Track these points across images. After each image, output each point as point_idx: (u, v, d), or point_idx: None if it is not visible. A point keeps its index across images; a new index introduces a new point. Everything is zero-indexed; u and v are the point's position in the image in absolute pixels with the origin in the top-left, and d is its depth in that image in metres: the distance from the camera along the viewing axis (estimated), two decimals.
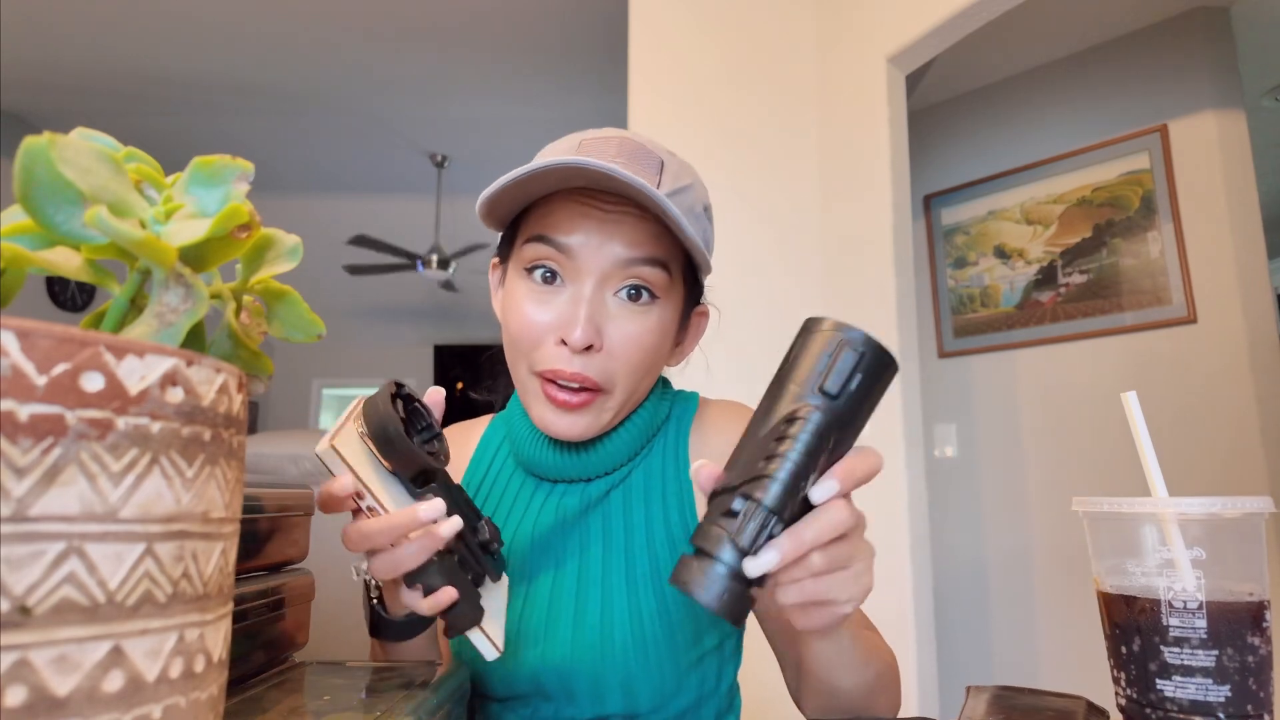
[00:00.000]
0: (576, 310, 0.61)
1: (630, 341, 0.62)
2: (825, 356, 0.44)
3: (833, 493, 0.43)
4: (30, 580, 0.20)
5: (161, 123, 4.30)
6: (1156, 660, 0.42)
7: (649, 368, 0.65)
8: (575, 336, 0.60)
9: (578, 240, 0.61)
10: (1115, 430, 2.45)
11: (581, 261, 0.62)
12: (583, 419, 0.64)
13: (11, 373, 0.21)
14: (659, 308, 0.64)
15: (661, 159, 0.65)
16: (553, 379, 0.62)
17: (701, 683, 0.68)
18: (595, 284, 0.62)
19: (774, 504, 0.42)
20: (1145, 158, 2.52)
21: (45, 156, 0.27)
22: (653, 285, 0.63)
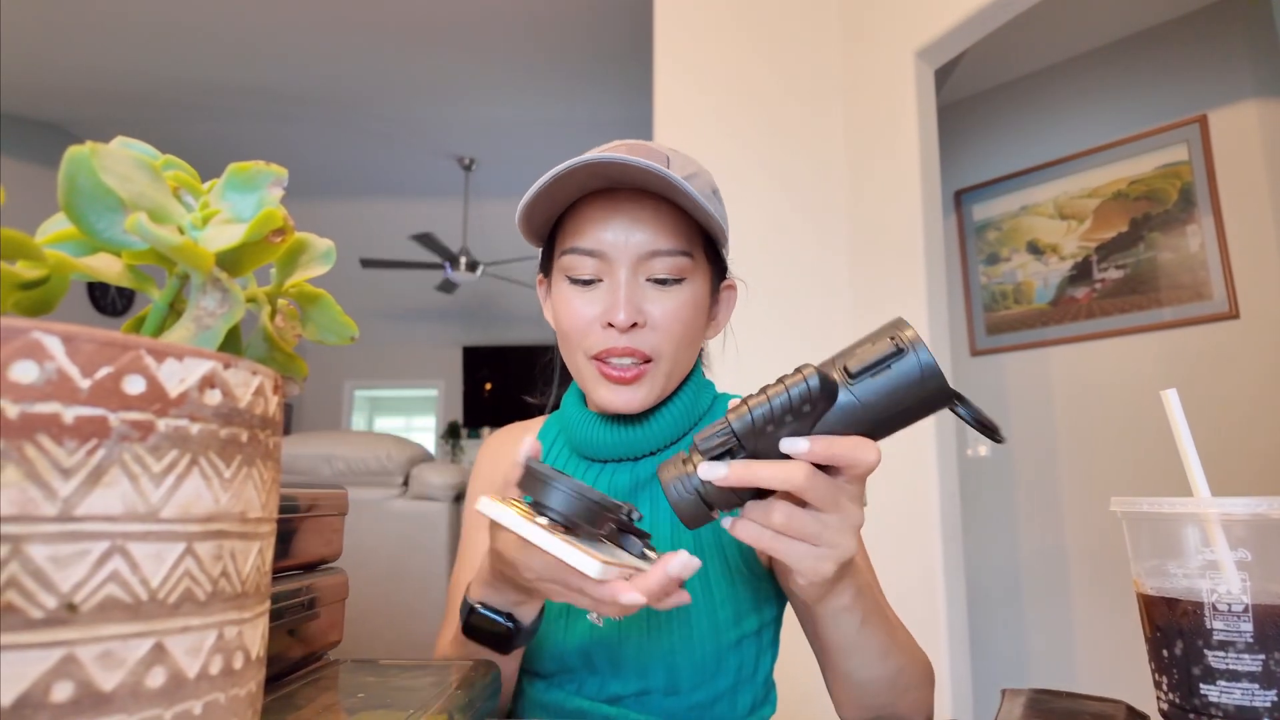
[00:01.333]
0: (616, 296, 0.68)
1: (669, 315, 0.69)
2: (870, 342, 0.45)
3: (799, 450, 0.45)
4: (76, 578, 0.21)
5: (197, 130, 4.39)
6: (1200, 664, 0.41)
7: (690, 339, 0.72)
8: (620, 317, 0.67)
9: (605, 240, 0.68)
10: (1152, 429, 2.40)
11: (612, 257, 0.68)
12: (639, 391, 0.70)
13: (57, 376, 0.21)
14: (689, 286, 0.71)
15: (666, 154, 0.71)
16: (605, 358, 0.69)
17: (740, 666, 0.71)
18: (628, 272, 0.68)
19: (739, 428, 0.46)
20: (1184, 149, 2.46)
21: (88, 165, 0.27)
22: (680, 269, 0.70)
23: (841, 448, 0.46)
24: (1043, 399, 2.71)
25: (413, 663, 0.57)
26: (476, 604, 0.61)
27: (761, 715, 0.74)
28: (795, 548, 0.48)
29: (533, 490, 0.51)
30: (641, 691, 0.69)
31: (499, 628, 0.61)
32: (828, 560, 0.48)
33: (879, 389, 0.44)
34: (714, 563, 0.72)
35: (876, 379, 0.44)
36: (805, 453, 0.45)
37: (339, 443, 2.17)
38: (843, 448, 0.46)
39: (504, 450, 0.87)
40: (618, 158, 0.62)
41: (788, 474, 0.45)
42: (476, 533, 0.83)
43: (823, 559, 0.48)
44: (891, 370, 0.44)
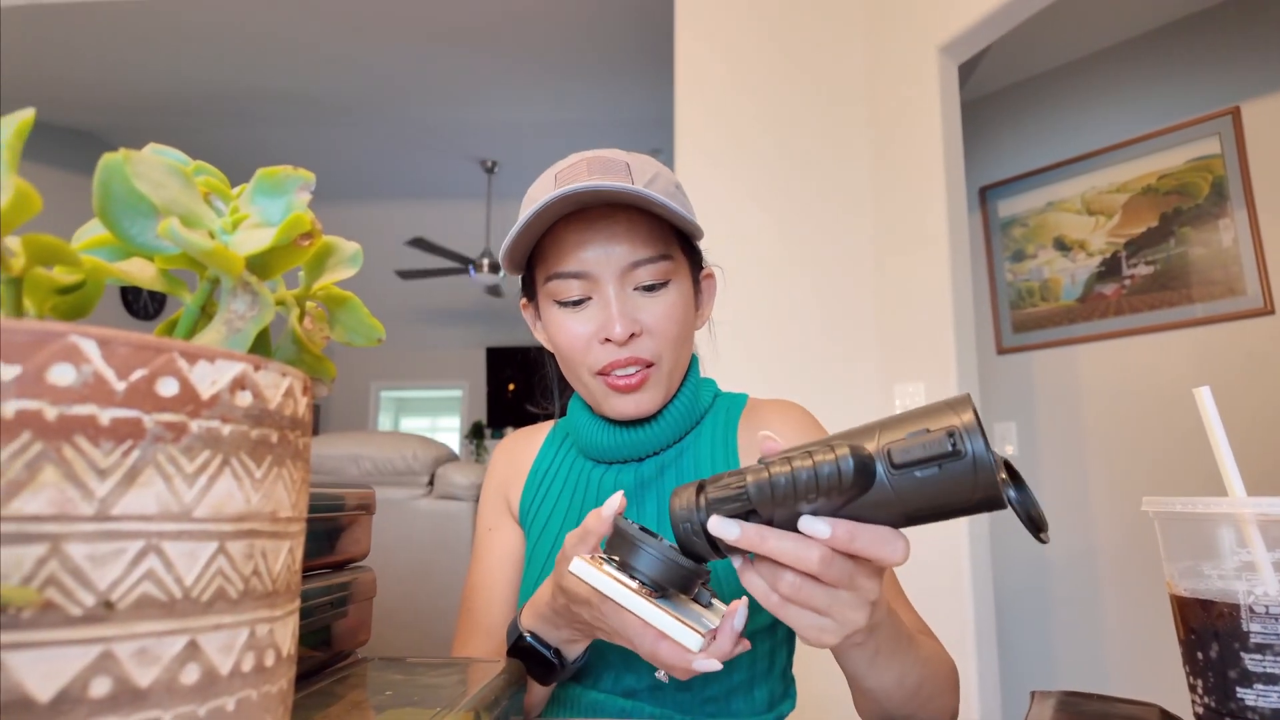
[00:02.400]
0: (609, 312, 0.69)
1: (662, 318, 0.71)
2: (924, 426, 0.40)
3: (818, 534, 0.42)
4: (113, 576, 0.21)
5: (226, 136, 4.46)
6: (1236, 667, 0.40)
7: (684, 337, 0.74)
8: (617, 331, 0.68)
9: (587, 260, 0.69)
10: (1183, 428, 2.35)
11: (596, 274, 0.70)
12: (646, 394, 0.72)
13: (94, 379, 0.22)
14: (674, 286, 0.72)
15: (626, 162, 0.72)
16: (609, 370, 0.71)
17: (753, 662, 0.71)
18: (615, 286, 0.70)
19: (755, 494, 0.43)
20: (1215, 142, 2.41)
21: (121, 172, 0.28)
22: (663, 274, 0.71)
23: (866, 540, 0.42)
24: (1071, 397, 2.67)
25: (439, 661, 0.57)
26: (526, 633, 0.62)
27: (780, 711, 0.74)
28: (801, 616, 0.46)
29: (623, 552, 0.51)
30: (656, 685, 0.70)
31: (545, 660, 0.62)
32: (831, 633, 0.47)
33: (923, 488, 0.39)
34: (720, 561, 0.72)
35: (922, 476, 0.39)
36: (826, 538, 0.43)
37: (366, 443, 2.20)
38: (867, 540, 0.42)
39: (513, 455, 0.88)
40: (591, 185, 0.64)
41: (801, 554, 0.43)
42: (490, 536, 0.84)
43: (826, 630, 0.46)
44: (941, 471, 0.39)
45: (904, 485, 0.40)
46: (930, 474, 0.39)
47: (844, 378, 2.02)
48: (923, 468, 0.39)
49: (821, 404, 1.15)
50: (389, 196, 5.49)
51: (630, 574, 0.51)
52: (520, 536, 0.84)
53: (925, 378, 1.90)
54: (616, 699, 0.70)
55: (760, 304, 2.00)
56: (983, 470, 0.38)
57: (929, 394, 1.89)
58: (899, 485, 0.40)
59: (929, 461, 0.39)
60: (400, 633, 2.09)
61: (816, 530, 0.42)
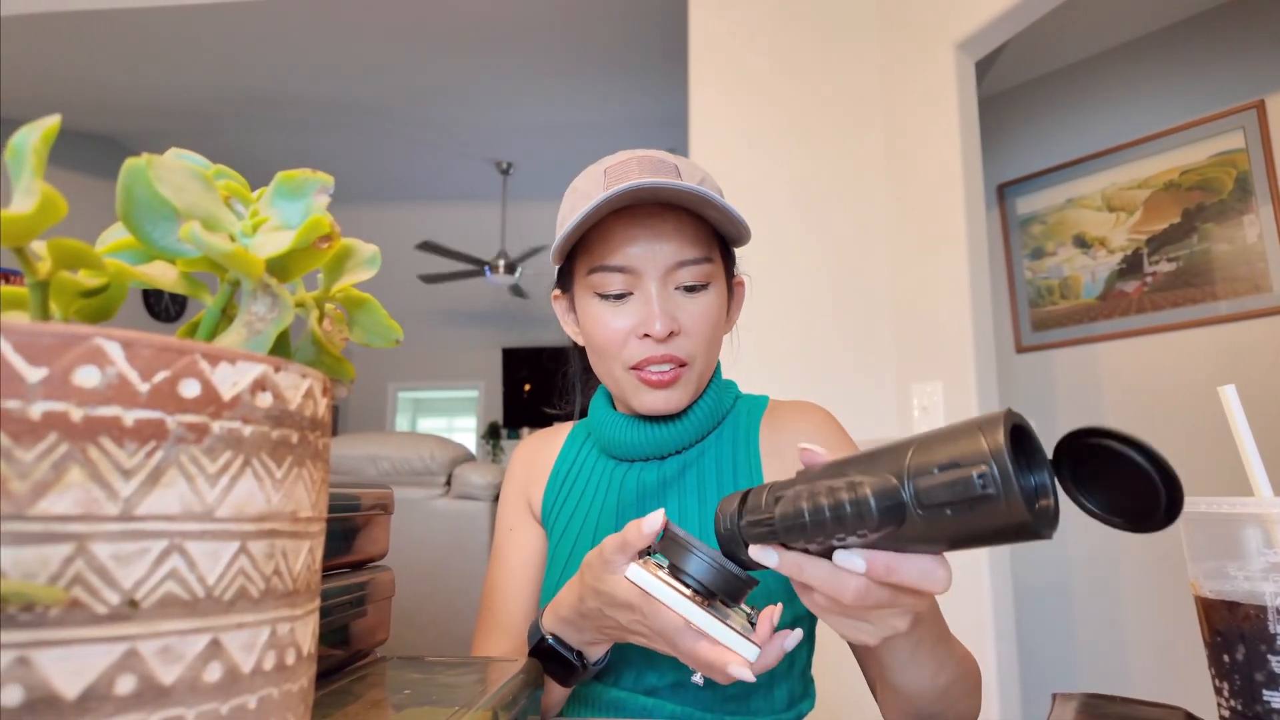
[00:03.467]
0: (651, 309, 0.70)
1: (699, 320, 0.72)
2: (953, 464, 0.36)
3: (854, 568, 0.41)
4: (137, 575, 0.22)
5: (245, 140, 4.51)
6: (1263, 670, 0.40)
7: (717, 339, 0.76)
8: (657, 328, 0.69)
9: (632, 256, 0.70)
10: (1207, 427, 2.32)
11: (640, 271, 0.71)
12: (676, 392, 0.73)
13: (118, 380, 0.22)
14: (713, 289, 0.74)
15: (675, 164, 0.73)
16: (644, 366, 0.72)
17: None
18: (658, 284, 0.71)
19: (780, 524, 0.42)
20: (1239, 136, 2.38)
21: (144, 177, 0.28)
22: (704, 276, 0.72)
23: (905, 574, 0.40)
24: (1092, 396, 2.64)
25: (457, 660, 0.57)
26: (549, 635, 0.62)
27: (800, 710, 0.74)
28: (842, 624, 0.46)
29: (676, 557, 0.52)
30: (676, 683, 0.70)
31: (567, 663, 0.62)
32: (870, 636, 0.46)
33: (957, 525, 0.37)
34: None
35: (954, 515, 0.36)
36: (861, 572, 0.41)
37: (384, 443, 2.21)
38: (907, 574, 0.40)
39: (534, 456, 0.88)
40: (655, 183, 0.65)
41: (837, 587, 0.42)
42: (511, 537, 0.84)
43: (864, 632, 0.46)
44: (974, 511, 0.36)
45: (935, 523, 0.37)
46: (961, 515, 0.36)
47: (861, 377, 2.01)
48: (953, 507, 0.36)
49: (839, 404, 1.14)
50: (405, 199, 5.53)
51: (682, 580, 0.52)
52: (541, 537, 0.84)
53: (943, 377, 1.88)
54: (638, 696, 0.70)
55: (776, 303, 2.00)
56: (1014, 508, 0.35)
57: (947, 393, 1.87)
58: (930, 523, 0.37)
59: (958, 504, 0.36)
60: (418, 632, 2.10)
61: (852, 565, 0.41)
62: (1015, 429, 0.37)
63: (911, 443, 0.39)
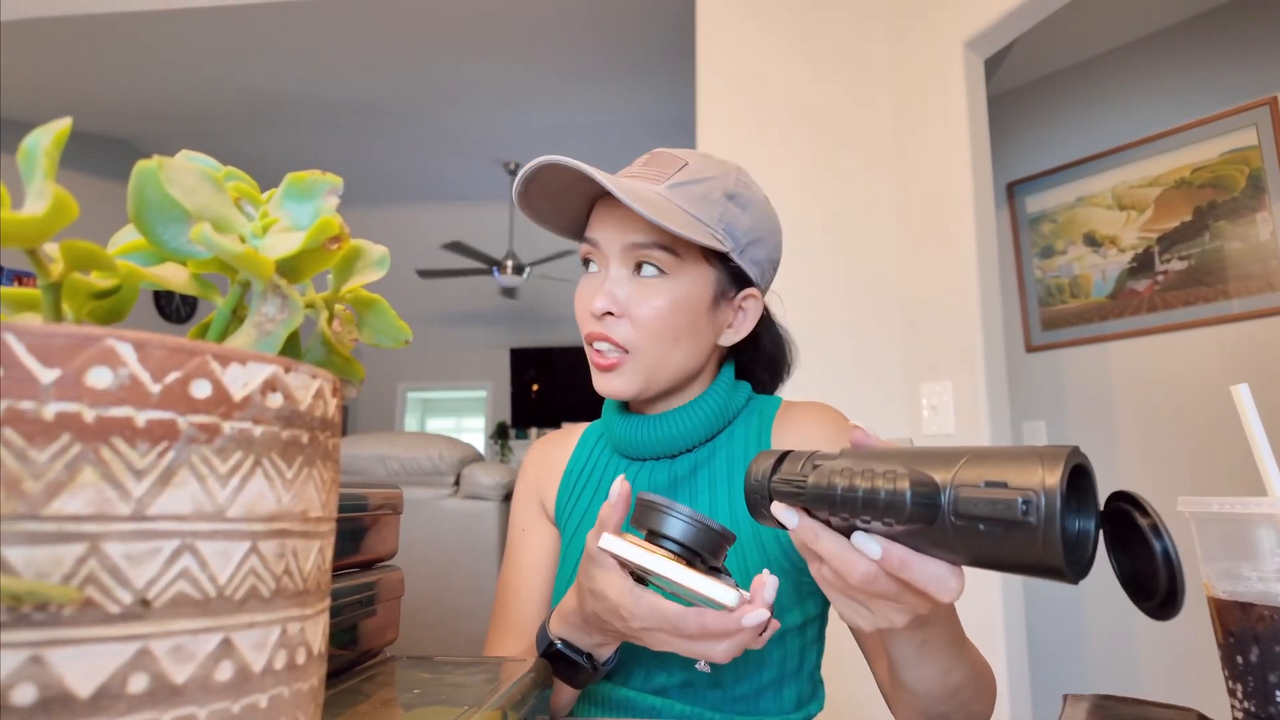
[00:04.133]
0: (600, 285, 0.72)
1: (644, 307, 0.71)
2: (1001, 484, 0.35)
3: (869, 552, 0.42)
4: (149, 575, 0.22)
5: (255, 142, 4.53)
6: (1277, 671, 0.39)
7: (672, 335, 0.73)
8: (596, 305, 0.71)
9: (600, 233, 0.73)
10: (1218, 426, 2.30)
11: (604, 249, 0.73)
12: (618, 378, 0.73)
13: (130, 381, 0.22)
14: (669, 282, 0.72)
15: (686, 161, 0.74)
16: (591, 342, 0.73)
17: (783, 660, 0.71)
18: (616, 264, 0.73)
19: (810, 495, 0.43)
20: (1252, 133, 2.36)
21: (155, 179, 0.29)
22: (658, 263, 0.72)
23: (917, 573, 0.40)
24: (1102, 396, 2.62)
25: (466, 660, 0.58)
26: (556, 639, 0.62)
27: (809, 712, 0.74)
28: (843, 604, 0.47)
29: (649, 521, 0.51)
30: (686, 683, 0.70)
31: (577, 665, 0.62)
32: (867, 622, 0.47)
33: (984, 544, 0.36)
34: (754, 556, 0.72)
35: (986, 532, 0.36)
36: (875, 558, 0.41)
37: (393, 443, 2.22)
38: (919, 573, 0.40)
39: (547, 457, 0.88)
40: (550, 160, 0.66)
41: (847, 566, 0.43)
42: (524, 537, 0.85)
43: (861, 618, 0.47)
44: (1006, 534, 0.35)
45: (965, 536, 0.37)
46: (994, 533, 0.36)
47: (869, 377, 2.01)
48: (987, 524, 0.36)
49: (847, 403, 1.14)
50: (414, 200, 5.55)
51: (659, 544, 0.51)
52: (554, 537, 0.84)
53: (952, 376, 1.88)
54: (647, 696, 0.70)
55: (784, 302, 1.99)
56: (1050, 546, 0.34)
57: (956, 393, 1.86)
58: (960, 533, 0.37)
59: (995, 522, 0.35)
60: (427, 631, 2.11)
61: (867, 549, 0.41)
62: (1076, 469, 0.36)
63: (966, 452, 0.38)
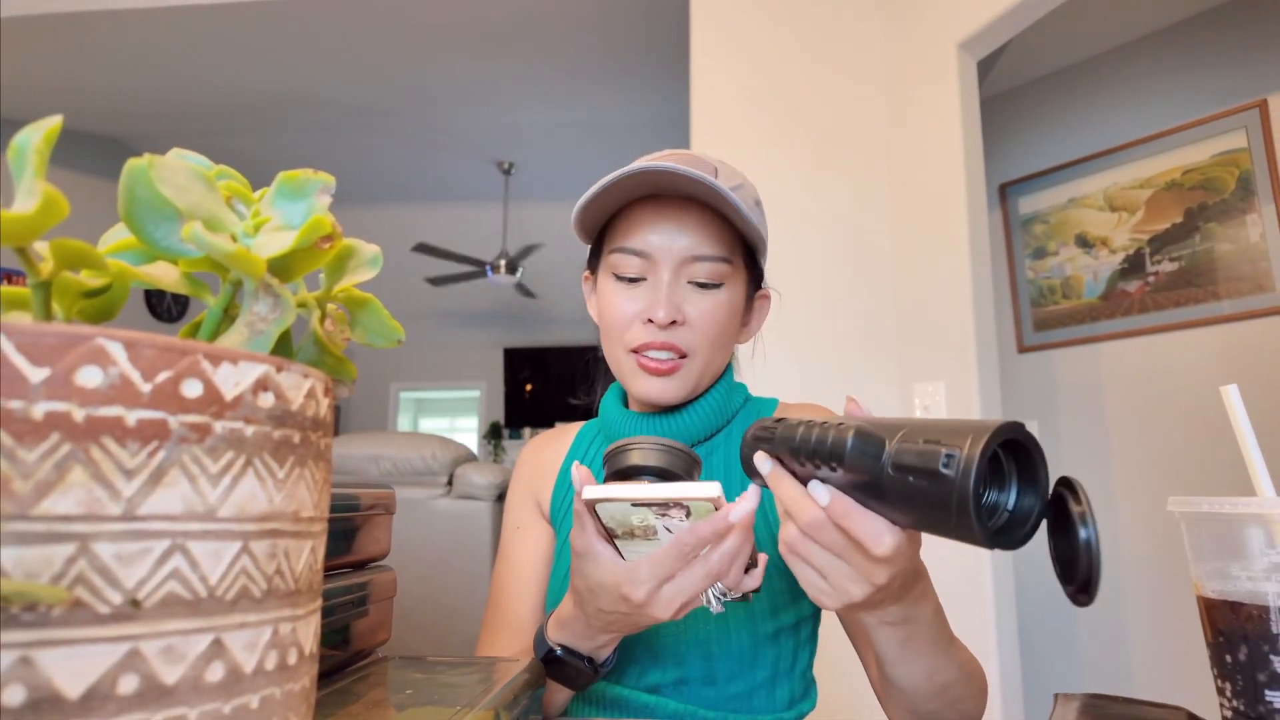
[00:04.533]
0: (658, 295, 0.71)
1: (705, 316, 0.73)
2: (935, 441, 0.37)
3: (817, 498, 0.45)
4: (140, 575, 0.22)
5: (247, 141, 4.51)
6: (1266, 670, 0.40)
7: (722, 341, 0.75)
8: (660, 315, 0.71)
9: (651, 242, 0.72)
10: (1209, 426, 2.32)
11: (657, 258, 0.72)
12: (673, 382, 0.73)
13: (120, 381, 0.22)
14: (726, 290, 0.74)
15: (714, 165, 0.74)
16: (644, 350, 0.73)
17: (777, 659, 0.72)
18: (671, 274, 0.72)
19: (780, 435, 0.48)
20: (1241, 136, 2.37)
21: (146, 177, 0.28)
22: (719, 275, 0.73)
23: (857, 521, 0.43)
24: (1094, 396, 2.64)
25: (459, 660, 0.57)
26: (556, 646, 0.62)
27: (801, 710, 0.74)
28: (803, 571, 0.48)
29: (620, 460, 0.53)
30: (679, 681, 0.70)
31: (577, 669, 0.62)
32: (829, 597, 0.48)
33: (912, 497, 0.38)
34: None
35: (914, 484, 0.38)
36: (823, 505, 0.45)
37: (386, 443, 2.21)
38: (858, 522, 0.43)
39: (542, 455, 0.88)
40: (671, 167, 0.66)
41: (798, 509, 0.46)
42: (519, 535, 0.84)
43: (824, 593, 0.48)
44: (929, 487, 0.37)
45: (897, 488, 0.39)
46: (920, 486, 0.37)
47: (864, 377, 2.01)
48: (915, 475, 0.37)
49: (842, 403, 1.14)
50: (407, 199, 5.53)
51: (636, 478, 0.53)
52: (549, 536, 0.84)
53: (945, 377, 1.88)
54: (641, 694, 0.70)
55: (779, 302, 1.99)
56: (961, 502, 0.35)
57: (949, 393, 1.87)
58: (893, 486, 0.39)
59: (920, 473, 0.37)
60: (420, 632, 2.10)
61: (817, 494, 0.45)
62: (1016, 444, 0.38)
63: (921, 422, 0.41)
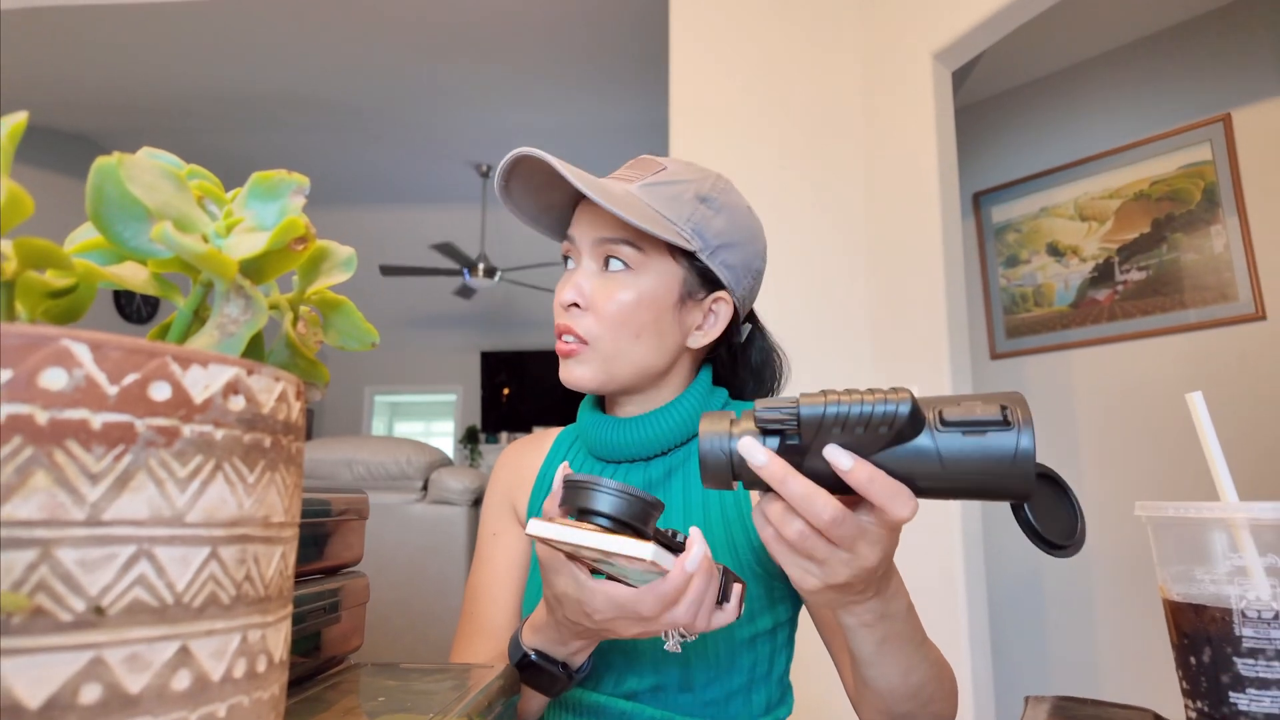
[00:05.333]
0: (568, 278, 0.75)
1: (606, 300, 0.72)
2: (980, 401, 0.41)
3: (840, 465, 0.43)
4: (104, 582, 0.21)
5: (220, 140, 4.46)
6: (1229, 672, 0.40)
7: (633, 329, 0.73)
8: (564, 295, 0.73)
9: (575, 229, 0.76)
10: (1176, 432, 2.36)
11: (577, 244, 0.75)
12: (577, 367, 0.74)
13: (85, 383, 0.21)
14: (634, 276, 0.73)
15: (665, 165, 0.76)
16: (558, 334, 0.75)
17: (754, 665, 0.72)
18: (587, 258, 0.75)
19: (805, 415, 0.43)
20: (1207, 149, 2.43)
21: (114, 175, 0.28)
22: (624, 258, 0.73)
23: (880, 488, 0.43)
24: (1064, 402, 2.68)
25: (433, 666, 0.57)
26: (530, 651, 0.62)
27: (778, 715, 0.74)
28: (795, 563, 0.48)
29: (576, 499, 0.51)
30: (656, 687, 0.70)
31: (551, 675, 0.62)
32: (814, 578, 0.48)
33: (962, 449, 0.41)
34: (725, 560, 0.73)
35: (966, 439, 0.40)
36: (845, 470, 0.43)
37: (359, 447, 2.19)
38: (881, 489, 0.43)
39: (520, 460, 0.88)
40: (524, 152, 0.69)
41: (816, 506, 0.44)
42: (494, 541, 0.84)
43: (809, 574, 0.48)
44: (986, 438, 0.40)
45: (945, 444, 0.41)
46: (974, 439, 0.40)
47: (837, 383, 2.03)
48: (969, 430, 0.40)
49: None
50: (383, 201, 5.49)
51: (590, 520, 0.50)
52: (525, 542, 0.84)
53: (919, 383, 1.90)
54: (618, 700, 0.70)
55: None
56: (1024, 449, 0.39)
57: None
58: (941, 444, 0.41)
59: (977, 425, 0.40)
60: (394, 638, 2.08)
61: (840, 461, 0.43)
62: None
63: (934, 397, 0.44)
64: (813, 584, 0.48)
